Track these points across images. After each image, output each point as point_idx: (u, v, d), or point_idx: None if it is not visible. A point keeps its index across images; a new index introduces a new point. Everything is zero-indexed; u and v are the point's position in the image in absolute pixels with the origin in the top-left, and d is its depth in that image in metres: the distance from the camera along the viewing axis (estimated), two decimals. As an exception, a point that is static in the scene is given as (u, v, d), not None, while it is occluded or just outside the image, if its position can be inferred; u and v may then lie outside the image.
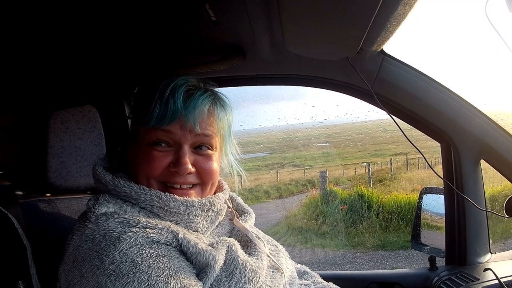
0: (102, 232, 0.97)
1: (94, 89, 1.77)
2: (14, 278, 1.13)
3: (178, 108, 1.08)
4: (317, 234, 9.83)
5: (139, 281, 0.89)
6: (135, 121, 1.22)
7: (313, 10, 1.21)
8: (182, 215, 1.08)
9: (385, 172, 14.39)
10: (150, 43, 1.53)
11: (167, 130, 1.09)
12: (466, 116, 1.69)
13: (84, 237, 0.98)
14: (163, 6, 1.25)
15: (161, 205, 1.06)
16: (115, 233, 0.95)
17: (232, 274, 1.02)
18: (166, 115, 1.08)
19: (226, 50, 1.57)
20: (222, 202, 1.19)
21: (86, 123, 1.40)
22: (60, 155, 1.35)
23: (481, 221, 1.77)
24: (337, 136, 17.80)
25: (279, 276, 1.18)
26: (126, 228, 0.97)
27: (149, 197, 1.06)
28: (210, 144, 1.14)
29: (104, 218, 1.00)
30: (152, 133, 1.10)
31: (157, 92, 1.11)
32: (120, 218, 1.00)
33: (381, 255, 8.44)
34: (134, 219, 0.99)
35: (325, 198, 11.17)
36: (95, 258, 0.93)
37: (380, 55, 1.64)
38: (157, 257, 0.94)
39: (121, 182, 1.08)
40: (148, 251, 0.94)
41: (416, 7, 1.20)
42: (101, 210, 1.03)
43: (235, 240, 1.13)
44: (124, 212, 1.03)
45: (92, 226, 1.00)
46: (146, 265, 0.91)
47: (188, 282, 0.94)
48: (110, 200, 1.06)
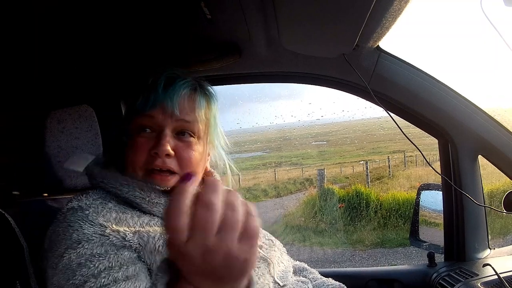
0: (63, 226, 1.02)
1: (90, 89, 1.76)
2: (11, 278, 1.12)
3: (159, 93, 1.12)
4: (316, 232, 9.83)
5: (66, 279, 0.92)
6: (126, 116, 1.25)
7: (308, 7, 1.21)
8: (164, 205, 1.09)
9: (383, 170, 14.40)
10: (146, 42, 1.53)
11: (150, 115, 1.12)
12: (463, 111, 1.70)
13: (51, 229, 1.05)
14: (158, 5, 1.25)
15: (143, 196, 1.09)
16: (71, 229, 1.00)
17: None
18: (148, 100, 1.12)
19: (222, 48, 1.57)
20: None
21: (83, 123, 1.39)
22: (57, 154, 1.35)
23: (480, 216, 1.78)
24: (334, 134, 17.81)
25: (265, 267, 1.20)
26: (83, 224, 1.00)
27: (132, 188, 1.09)
28: (192, 130, 1.16)
29: (71, 212, 1.05)
30: (137, 120, 1.14)
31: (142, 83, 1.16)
32: (82, 214, 1.03)
33: (380, 253, 8.45)
34: (93, 216, 1.02)
35: (323, 196, 11.16)
36: (51, 249, 1.00)
37: (376, 51, 1.64)
38: (90, 256, 0.95)
39: (108, 174, 1.13)
40: (85, 249, 0.95)
41: (412, 2, 1.20)
42: (73, 204, 1.08)
43: None
44: (88, 207, 1.05)
45: (60, 218, 1.06)
46: (77, 263, 0.94)
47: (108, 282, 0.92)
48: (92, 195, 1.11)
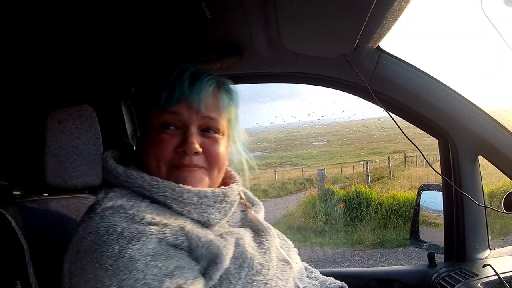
0: (106, 226, 0.96)
1: (91, 89, 1.76)
2: (12, 278, 1.12)
3: (185, 89, 1.09)
4: (316, 232, 9.83)
5: (134, 279, 0.88)
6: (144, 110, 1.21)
7: (309, 7, 1.21)
8: (195, 205, 1.07)
9: (383, 170, 14.41)
10: (147, 42, 1.53)
11: (174, 112, 1.10)
12: (463, 112, 1.70)
13: (88, 229, 0.98)
14: (159, 5, 1.25)
15: (174, 197, 1.06)
16: (119, 228, 0.95)
17: (241, 267, 1.02)
18: (173, 96, 1.09)
19: (222, 48, 1.57)
20: (236, 193, 1.19)
21: (83, 123, 1.39)
22: (57, 154, 1.34)
23: (480, 217, 1.78)
24: (334, 134, 17.82)
25: (289, 270, 1.17)
26: (130, 224, 0.96)
27: (162, 189, 1.06)
28: (216, 127, 1.15)
29: (110, 211, 1.00)
30: (160, 115, 1.11)
31: (165, 76, 1.13)
32: (126, 213, 0.99)
33: (380, 253, 8.45)
34: (139, 215, 0.99)
35: (323, 197, 11.16)
36: (96, 251, 0.92)
37: (377, 51, 1.64)
38: (155, 255, 0.93)
39: (133, 173, 1.08)
40: (148, 249, 0.93)
41: (412, 2, 1.20)
42: (108, 204, 1.02)
43: (246, 231, 1.15)
44: (131, 207, 1.02)
45: (97, 218, 0.99)
46: (144, 262, 0.90)
47: (183, 281, 0.92)
48: (120, 194, 1.06)
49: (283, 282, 1.10)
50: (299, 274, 1.24)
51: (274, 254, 1.15)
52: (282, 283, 1.09)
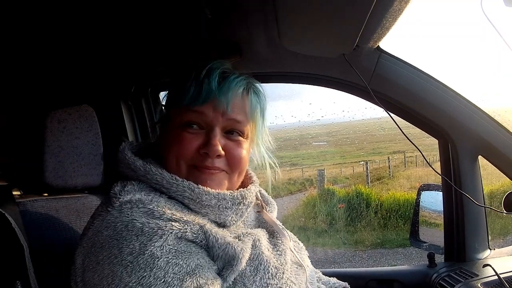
0: (125, 220, 0.93)
1: (90, 89, 1.76)
2: (12, 278, 1.12)
3: (213, 89, 1.06)
4: (316, 232, 9.81)
5: (155, 277, 0.86)
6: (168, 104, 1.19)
7: (308, 7, 1.21)
8: (213, 208, 1.05)
9: (383, 170, 14.39)
10: (147, 43, 1.53)
11: (200, 111, 1.07)
12: (463, 112, 1.70)
13: (105, 223, 0.95)
14: (159, 5, 1.25)
15: (193, 197, 1.03)
16: (138, 223, 0.92)
17: (256, 269, 1.01)
18: (200, 95, 1.06)
19: (222, 48, 1.57)
20: (253, 195, 1.17)
21: (83, 123, 1.40)
22: (57, 154, 1.35)
23: (480, 217, 1.78)
24: (334, 135, 17.79)
25: (302, 273, 1.16)
26: (150, 219, 0.93)
27: (181, 189, 1.03)
28: (241, 130, 1.12)
29: (129, 206, 0.96)
30: (184, 114, 1.08)
31: (193, 73, 1.09)
32: (145, 208, 0.96)
33: (380, 253, 8.44)
34: (159, 210, 0.96)
35: (323, 197, 11.15)
36: (114, 246, 0.90)
37: (377, 51, 1.64)
38: (176, 253, 0.91)
39: (152, 169, 1.05)
40: (169, 246, 0.91)
41: (412, 2, 1.20)
42: (126, 197, 0.99)
43: (261, 232, 1.13)
44: (150, 201, 0.98)
45: (115, 213, 0.96)
46: (165, 260, 0.89)
47: (204, 281, 0.91)
48: (138, 187, 1.03)
49: (296, 286, 1.08)
50: (310, 277, 1.22)
51: (288, 257, 1.14)
52: (295, 287, 1.08)
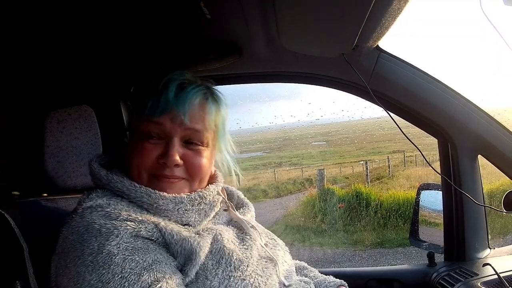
0: (85, 224, 1.00)
1: (90, 89, 1.76)
2: (11, 278, 1.12)
3: (170, 100, 1.10)
4: (315, 232, 9.82)
5: (113, 273, 0.92)
6: (131, 115, 1.25)
7: (308, 7, 1.21)
8: (172, 211, 1.10)
9: (382, 170, 14.40)
10: (146, 42, 1.53)
11: (158, 122, 1.11)
12: (463, 111, 1.70)
13: (70, 229, 1.02)
14: (158, 5, 1.25)
15: (150, 202, 1.08)
16: (96, 225, 0.98)
17: (218, 262, 1.05)
18: (158, 106, 1.10)
19: (221, 47, 1.57)
20: (214, 194, 1.20)
21: (83, 123, 1.40)
22: (56, 154, 1.35)
23: (480, 216, 1.78)
24: (334, 134, 17.82)
25: (272, 267, 1.18)
26: (107, 221, 0.99)
27: (139, 194, 1.08)
28: (200, 140, 1.15)
29: (89, 210, 1.03)
30: (144, 125, 1.12)
31: (152, 86, 1.13)
32: (103, 211, 1.02)
33: (380, 253, 8.44)
34: (116, 212, 1.02)
35: (323, 197, 11.16)
36: (78, 249, 0.96)
37: (376, 51, 1.64)
38: (133, 250, 0.96)
39: (114, 177, 1.11)
40: (125, 243, 0.96)
41: (412, 2, 1.20)
42: (88, 204, 1.06)
43: (228, 228, 1.18)
44: (108, 205, 1.05)
45: (77, 218, 1.03)
46: (122, 257, 0.94)
47: (161, 275, 0.95)
48: (101, 194, 1.10)
49: (263, 279, 1.11)
50: (286, 272, 1.25)
51: (255, 251, 1.17)
52: (261, 279, 1.10)
